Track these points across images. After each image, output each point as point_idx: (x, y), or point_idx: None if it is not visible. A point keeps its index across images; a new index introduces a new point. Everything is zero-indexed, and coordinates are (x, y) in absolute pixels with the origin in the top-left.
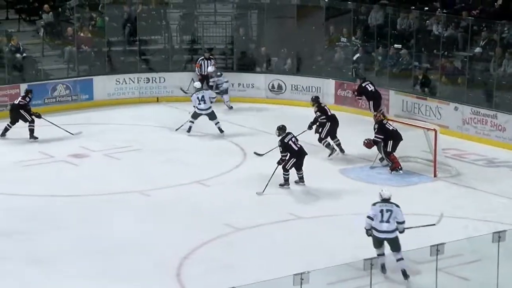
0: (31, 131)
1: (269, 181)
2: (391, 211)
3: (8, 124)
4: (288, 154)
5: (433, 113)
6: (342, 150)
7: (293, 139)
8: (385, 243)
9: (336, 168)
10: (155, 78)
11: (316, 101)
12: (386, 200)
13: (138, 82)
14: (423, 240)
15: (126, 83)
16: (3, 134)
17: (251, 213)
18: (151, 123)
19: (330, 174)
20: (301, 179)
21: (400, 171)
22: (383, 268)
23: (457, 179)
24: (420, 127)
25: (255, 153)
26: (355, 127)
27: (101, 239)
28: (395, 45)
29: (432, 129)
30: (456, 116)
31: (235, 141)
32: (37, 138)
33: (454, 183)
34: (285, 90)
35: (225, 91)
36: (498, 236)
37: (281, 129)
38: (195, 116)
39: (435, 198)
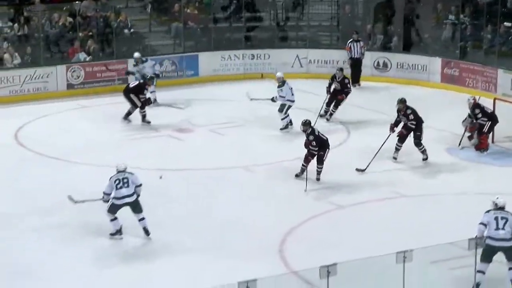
0: (143, 116)
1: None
2: (506, 219)
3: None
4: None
5: None
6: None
7: (319, 132)
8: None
9: (442, 147)
10: (260, 55)
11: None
12: (501, 208)
13: (243, 59)
14: None
15: (231, 59)
16: (126, 117)
17: (355, 191)
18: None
19: (436, 153)
20: (319, 174)
21: (484, 152)
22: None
23: None
24: None
25: (357, 169)
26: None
27: (207, 214)
28: (505, 23)
29: None
30: None
31: (339, 119)
32: (149, 122)
33: None
34: (390, 68)
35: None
36: None
37: (308, 124)
38: (288, 108)
39: None
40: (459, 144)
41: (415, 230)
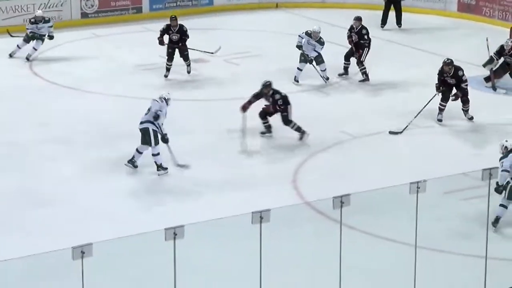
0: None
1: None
2: None
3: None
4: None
5: None
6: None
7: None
8: None
9: None
10: None
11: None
12: None
13: None
14: None
15: None
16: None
17: (368, 121)
18: (270, 29)
19: None
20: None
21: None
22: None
23: None
24: None
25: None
26: (480, 35)
27: (221, 146)
28: None
29: None
30: None
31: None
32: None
33: None
34: None
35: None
36: None
37: (269, 85)
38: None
39: None
40: (493, 88)
41: (430, 161)
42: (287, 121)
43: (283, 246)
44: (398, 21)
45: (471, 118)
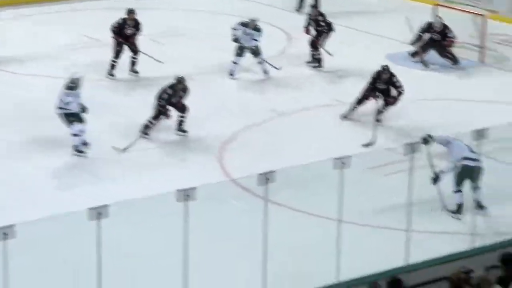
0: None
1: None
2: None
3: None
4: None
5: None
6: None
7: None
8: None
9: (383, 53)
10: None
11: None
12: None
13: None
14: (466, 125)
15: None
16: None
17: (295, 98)
18: (201, 8)
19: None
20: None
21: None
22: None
23: (505, 65)
24: (469, 12)
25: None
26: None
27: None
28: None
29: (480, 14)
30: (507, 0)
31: (279, 25)
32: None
33: (501, 69)
34: None
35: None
36: None
37: None
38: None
39: (482, 84)
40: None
41: (355, 137)
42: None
43: (209, 223)
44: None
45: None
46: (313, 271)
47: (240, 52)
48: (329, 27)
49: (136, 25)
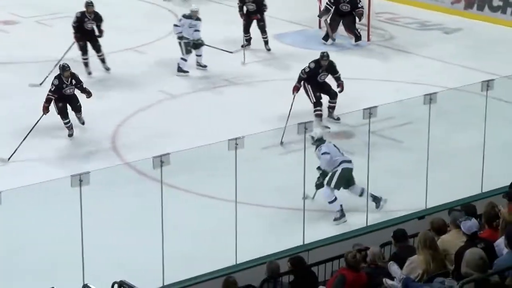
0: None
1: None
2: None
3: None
4: None
5: None
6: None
7: None
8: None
9: (271, 33)
10: None
11: None
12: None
13: None
14: (356, 104)
15: None
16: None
17: (188, 80)
18: None
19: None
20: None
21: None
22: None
23: (390, 43)
24: None
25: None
26: None
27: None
28: None
29: None
30: None
31: (165, 6)
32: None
33: (387, 47)
34: None
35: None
36: (430, 98)
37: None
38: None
39: (370, 62)
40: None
41: (247, 117)
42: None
43: (104, 208)
44: None
45: (338, 119)
46: (211, 254)
47: (189, 49)
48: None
49: (97, 18)
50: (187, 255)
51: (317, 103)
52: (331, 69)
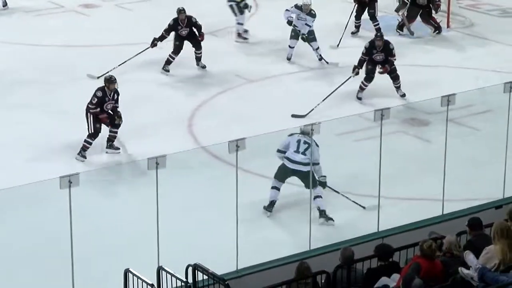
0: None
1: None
2: (308, 144)
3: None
4: None
5: None
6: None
7: None
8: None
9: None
10: None
11: None
12: (304, 133)
13: None
14: (435, 91)
15: None
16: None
17: (263, 65)
18: None
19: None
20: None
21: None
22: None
23: (471, 30)
24: None
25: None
26: None
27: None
28: None
29: None
30: None
31: None
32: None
33: (467, 34)
34: None
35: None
36: (510, 86)
37: None
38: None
39: (449, 49)
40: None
41: (323, 102)
42: None
43: (180, 191)
44: None
45: (403, 95)
46: (285, 239)
47: (294, 34)
48: None
49: (190, 24)
50: (261, 240)
51: (366, 78)
52: (387, 50)
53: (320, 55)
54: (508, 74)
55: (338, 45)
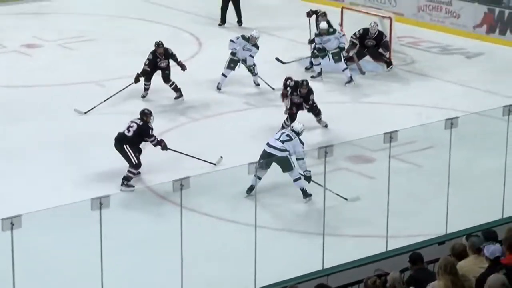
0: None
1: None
2: (290, 138)
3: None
4: None
5: (389, 1)
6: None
7: None
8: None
9: (291, 56)
10: None
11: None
12: (294, 132)
13: None
14: (377, 128)
15: None
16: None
17: (208, 103)
18: (106, 12)
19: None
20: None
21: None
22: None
23: (412, 67)
24: (375, 14)
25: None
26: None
27: (60, 130)
28: None
29: (387, 17)
30: (411, 3)
31: (190, 30)
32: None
33: (409, 71)
34: None
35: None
36: (451, 123)
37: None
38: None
39: (391, 86)
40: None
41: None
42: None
43: (124, 230)
44: (238, 19)
45: (326, 126)
46: (230, 278)
47: (233, 66)
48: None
49: (168, 55)
50: (206, 280)
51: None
52: (307, 96)
53: (257, 83)
54: (449, 111)
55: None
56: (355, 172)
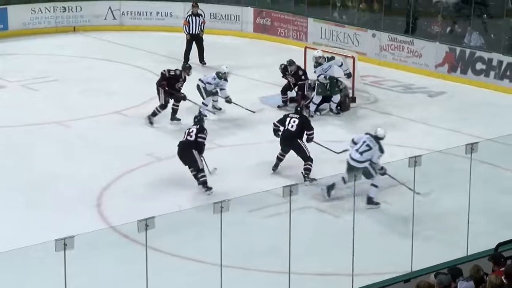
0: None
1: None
2: (369, 148)
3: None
4: None
5: (351, 40)
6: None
7: None
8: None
9: (256, 96)
10: (72, 7)
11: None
12: (376, 137)
13: (54, 11)
14: (340, 167)
15: (42, 12)
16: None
17: (172, 143)
18: (69, 53)
19: (250, 103)
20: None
21: None
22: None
23: (375, 106)
24: (338, 54)
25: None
26: (276, 55)
27: (23, 171)
28: None
29: (350, 56)
30: (374, 43)
31: (154, 70)
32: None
33: (372, 110)
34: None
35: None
36: (414, 161)
37: None
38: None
39: (353, 124)
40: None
41: (231, 179)
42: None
43: (88, 272)
44: (201, 59)
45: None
46: None
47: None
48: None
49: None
50: None
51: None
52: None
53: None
54: (412, 149)
55: None
56: (321, 210)
